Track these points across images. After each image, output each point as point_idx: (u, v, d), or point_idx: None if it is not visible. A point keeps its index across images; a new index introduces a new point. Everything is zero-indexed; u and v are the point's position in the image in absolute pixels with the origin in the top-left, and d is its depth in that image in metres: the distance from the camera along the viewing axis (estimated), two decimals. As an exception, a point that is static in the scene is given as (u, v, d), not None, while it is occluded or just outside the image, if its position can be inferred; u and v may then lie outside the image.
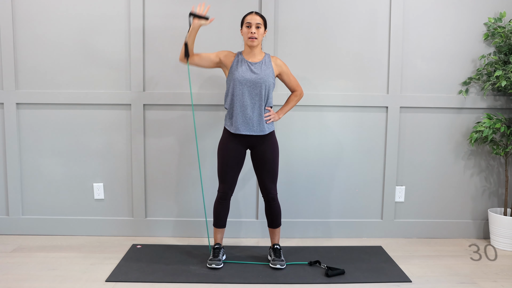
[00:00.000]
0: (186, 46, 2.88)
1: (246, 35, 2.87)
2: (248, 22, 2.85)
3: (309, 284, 2.74)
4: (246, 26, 2.86)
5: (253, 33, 2.83)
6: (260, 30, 2.86)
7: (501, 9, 3.43)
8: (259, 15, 2.88)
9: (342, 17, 3.42)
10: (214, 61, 2.97)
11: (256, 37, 2.84)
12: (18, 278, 2.77)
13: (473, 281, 2.81)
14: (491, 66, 3.40)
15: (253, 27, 2.84)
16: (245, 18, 2.89)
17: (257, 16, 2.87)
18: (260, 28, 2.86)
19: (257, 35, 2.84)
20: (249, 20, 2.85)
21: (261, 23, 2.87)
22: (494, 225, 3.39)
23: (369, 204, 3.59)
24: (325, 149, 3.52)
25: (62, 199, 3.53)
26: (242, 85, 2.85)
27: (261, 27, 2.86)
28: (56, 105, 3.44)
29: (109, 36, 3.39)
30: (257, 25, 2.85)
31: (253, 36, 2.83)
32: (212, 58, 2.96)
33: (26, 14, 3.36)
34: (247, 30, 2.86)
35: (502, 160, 3.57)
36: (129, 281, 2.74)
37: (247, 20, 2.86)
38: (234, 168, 2.95)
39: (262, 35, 2.89)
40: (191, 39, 2.88)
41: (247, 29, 2.86)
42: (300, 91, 3.08)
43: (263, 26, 2.88)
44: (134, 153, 3.47)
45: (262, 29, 2.88)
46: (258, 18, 2.86)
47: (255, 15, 2.87)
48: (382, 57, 3.46)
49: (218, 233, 3.07)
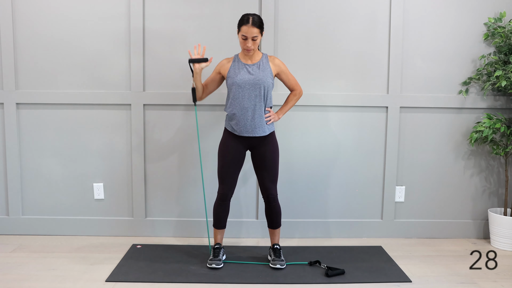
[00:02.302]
0: (193, 92, 2.96)
1: (242, 44, 2.84)
2: (243, 35, 2.79)
3: (309, 284, 2.75)
4: (242, 38, 2.80)
5: (249, 46, 2.81)
6: (256, 41, 2.82)
7: (501, 9, 3.43)
8: (255, 25, 2.77)
9: (342, 17, 3.42)
10: (218, 79, 3.00)
11: (251, 49, 2.82)
12: (18, 278, 2.77)
13: (473, 281, 2.81)
14: (491, 66, 3.40)
15: (249, 41, 2.79)
16: (241, 27, 2.80)
17: (254, 28, 2.76)
18: (256, 40, 2.81)
19: (253, 46, 2.82)
20: (245, 33, 2.78)
21: (258, 34, 2.79)
22: (494, 225, 3.39)
23: (369, 204, 3.59)
24: (325, 149, 3.52)
25: (62, 199, 3.53)
26: (241, 88, 2.84)
27: (257, 39, 2.81)
28: (56, 105, 3.44)
29: (109, 36, 3.39)
30: (253, 38, 2.79)
31: (249, 49, 2.82)
32: (216, 79, 3.00)
33: (26, 14, 3.36)
34: (243, 42, 2.81)
35: (502, 160, 3.57)
36: (129, 281, 2.75)
37: (243, 31, 2.78)
38: (234, 169, 2.95)
39: (258, 43, 2.85)
40: (197, 83, 2.94)
41: (243, 41, 2.81)
42: (299, 90, 3.06)
43: (259, 35, 2.81)
44: (134, 153, 3.47)
45: (259, 39, 2.82)
46: (254, 31, 2.77)
47: (251, 28, 2.76)
48: (382, 57, 3.46)
49: (218, 234, 3.07)
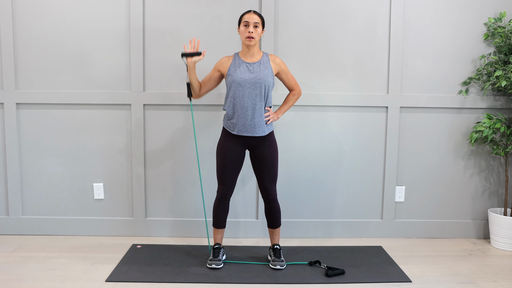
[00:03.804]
0: (188, 86, 2.94)
1: (243, 34, 2.84)
2: (246, 21, 2.82)
3: (309, 284, 2.74)
4: (244, 25, 2.83)
5: (251, 32, 2.80)
6: (258, 30, 2.83)
7: (501, 9, 3.43)
8: (257, 14, 2.84)
9: (342, 17, 3.42)
10: (217, 77, 2.98)
11: (253, 36, 2.81)
12: (18, 278, 2.77)
13: (473, 281, 2.81)
14: (491, 66, 3.40)
15: (250, 26, 2.81)
16: (242, 16, 2.86)
17: (255, 15, 2.83)
18: (258, 27, 2.83)
19: (254, 34, 2.81)
20: (247, 19, 2.82)
21: (259, 22, 2.83)
22: (494, 225, 3.39)
23: (369, 204, 3.59)
24: (325, 149, 3.52)
25: (62, 199, 3.53)
26: (241, 86, 2.83)
27: (259, 27, 2.83)
28: (56, 105, 3.44)
29: (109, 36, 3.39)
30: (255, 24, 2.81)
31: (251, 36, 2.80)
32: (214, 77, 2.98)
33: (26, 14, 3.36)
34: (244, 29, 2.83)
35: (502, 160, 3.57)
36: (129, 281, 2.74)
37: (244, 19, 2.84)
38: (233, 169, 2.94)
39: (260, 34, 2.86)
40: (192, 78, 2.92)
41: (245, 28, 2.83)
42: (299, 90, 3.06)
43: (261, 25, 2.85)
44: (134, 153, 3.47)
45: (260, 29, 2.85)
46: (256, 17, 2.83)
47: (253, 14, 2.83)
48: (382, 57, 3.46)
49: (218, 234, 3.07)
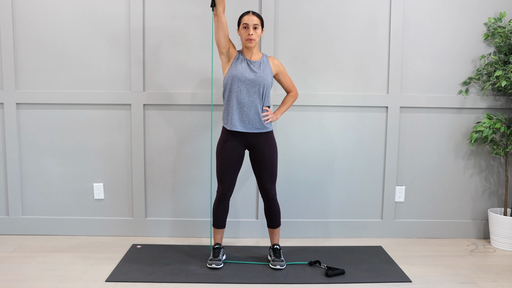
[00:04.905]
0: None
1: (243, 36, 2.84)
2: (245, 23, 2.82)
3: (309, 284, 2.74)
4: (244, 27, 2.83)
5: (251, 34, 2.80)
6: (257, 31, 2.83)
7: (501, 9, 3.43)
8: (256, 15, 2.84)
9: (342, 17, 3.42)
10: (227, 38, 2.82)
11: (253, 38, 2.81)
12: (18, 278, 2.77)
13: (473, 281, 2.81)
14: (491, 66, 3.40)
15: (250, 29, 2.81)
16: (242, 18, 2.86)
17: (254, 16, 2.83)
18: (258, 28, 2.83)
19: (254, 36, 2.81)
20: (246, 21, 2.82)
21: (259, 23, 2.83)
22: (494, 225, 3.39)
23: (369, 204, 3.59)
24: (325, 149, 3.52)
25: (62, 199, 3.53)
26: (240, 82, 2.82)
27: (258, 28, 2.83)
28: (56, 105, 3.44)
29: (109, 36, 3.39)
30: (255, 26, 2.81)
31: (251, 38, 2.81)
32: (227, 33, 2.82)
33: (26, 14, 3.36)
34: (244, 31, 2.83)
35: (502, 160, 3.57)
36: (129, 281, 2.74)
37: (244, 21, 2.83)
38: (232, 169, 2.93)
39: (259, 35, 2.86)
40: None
41: (245, 30, 2.83)
42: (296, 92, 3.07)
43: (260, 26, 2.85)
44: (134, 153, 3.47)
45: (260, 30, 2.85)
46: (255, 19, 2.82)
47: (252, 16, 2.83)
48: (382, 57, 3.46)
49: (218, 233, 3.07)
